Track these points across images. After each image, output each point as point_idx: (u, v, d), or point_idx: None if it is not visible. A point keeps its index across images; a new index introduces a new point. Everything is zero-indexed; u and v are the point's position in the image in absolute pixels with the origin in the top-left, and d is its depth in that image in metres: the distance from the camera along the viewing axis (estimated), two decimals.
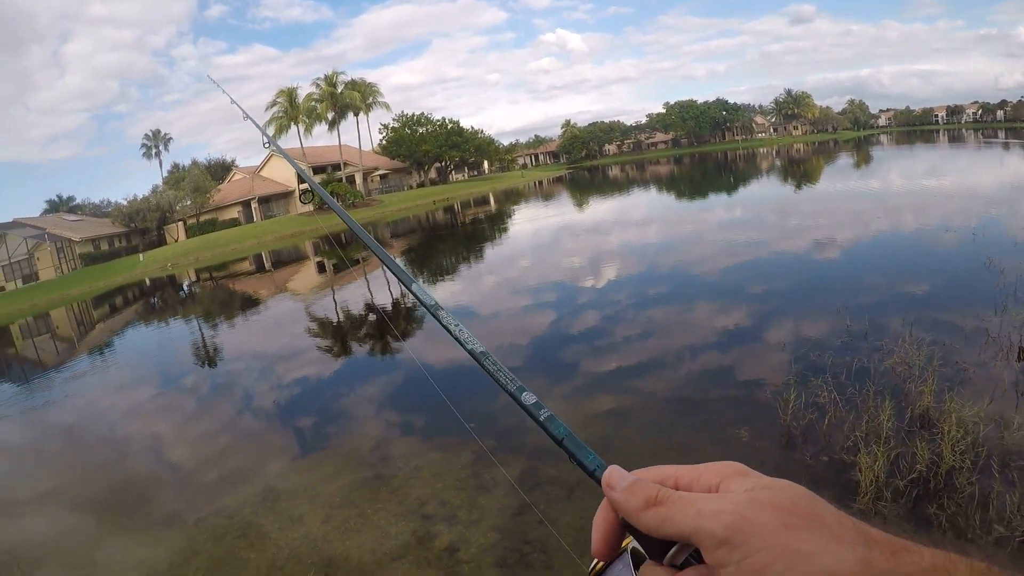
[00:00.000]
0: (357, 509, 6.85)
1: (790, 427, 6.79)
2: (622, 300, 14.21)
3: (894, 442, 6.00)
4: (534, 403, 0.83)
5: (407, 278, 1.20)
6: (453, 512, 6.41)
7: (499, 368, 0.89)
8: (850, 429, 6.46)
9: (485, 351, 0.93)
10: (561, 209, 45.09)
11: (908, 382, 7.33)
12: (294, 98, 73.48)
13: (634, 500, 0.64)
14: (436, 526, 6.22)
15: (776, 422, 6.96)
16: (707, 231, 23.68)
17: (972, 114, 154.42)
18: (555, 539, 5.62)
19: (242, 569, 6.15)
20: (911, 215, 20.88)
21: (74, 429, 12.67)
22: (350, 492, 7.29)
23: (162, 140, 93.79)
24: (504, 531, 5.92)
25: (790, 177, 48.23)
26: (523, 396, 0.84)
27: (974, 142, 76.62)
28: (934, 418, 6.43)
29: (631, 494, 0.65)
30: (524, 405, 0.84)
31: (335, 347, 15.13)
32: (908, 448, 5.81)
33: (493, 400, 8.83)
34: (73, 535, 7.75)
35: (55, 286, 52.28)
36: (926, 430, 6.27)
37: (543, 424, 0.81)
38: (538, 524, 5.92)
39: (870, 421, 6.42)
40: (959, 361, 7.90)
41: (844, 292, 11.81)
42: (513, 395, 0.85)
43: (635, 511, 0.64)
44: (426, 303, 1.09)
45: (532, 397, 0.84)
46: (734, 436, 6.87)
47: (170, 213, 71.47)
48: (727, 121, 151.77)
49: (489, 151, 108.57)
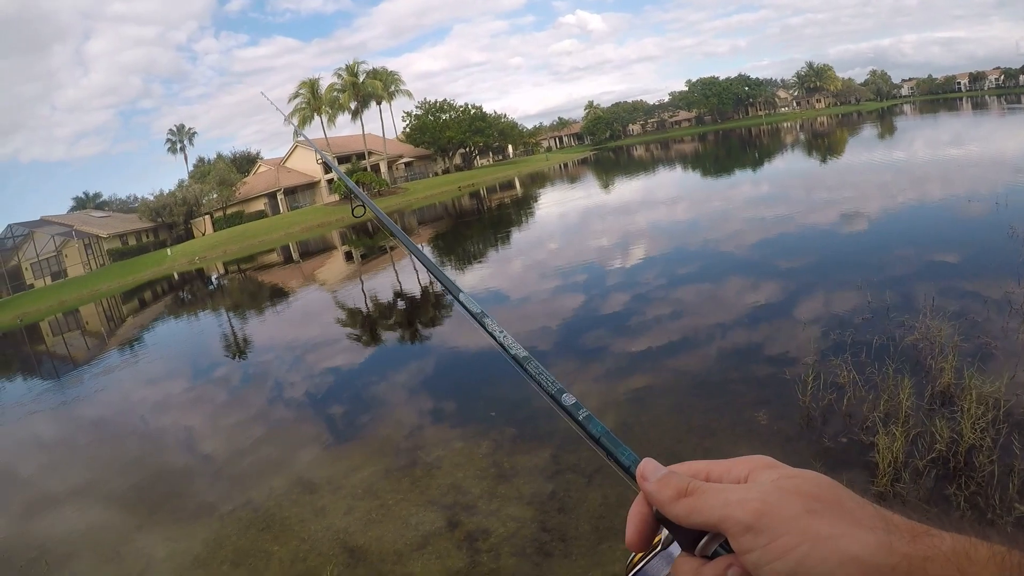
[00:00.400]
0: (379, 500, 6.90)
1: (809, 408, 6.73)
2: (645, 281, 14.16)
3: (913, 421, 5.92)
4: (573, 404, 0.86)
5: (454, 288, 1.22)
6: (473, 502, 6.45)
7: (541, 372, 0.92)
8: (869, 409, 6.38)
9: (528, 356, 0.96)
10: (587, 191, 44.96)
11: (929, 358, 7.23)
12: (316, 89, 73.82)
13: (666, 491, 0.68)
14: (457, 516, 6.26)
15: (795, 404, 6.89)
16: (731, 208, 23.45)
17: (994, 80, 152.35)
18: (574, 527, 5.65)
19: (265, 561, 6.22)
20: (934, 185, 20.57)
21: (103, 423, 12.96)
22: (371, 483, 7.34)
23: (187, 134, 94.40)
24: (523, 520, 5.94)
25: (814, 151, 47.68)
26: (563, 398, 0.87)
27: (997, 108, 75.45)
28: (954, 395, 6.33)
29: (663, 485, 0.68)
30: (564, 406, 0.86)
31: (359, 338, 15.25)
32: (927, 427, 5.71)
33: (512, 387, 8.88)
34: (102, 528, 7.89)
35: (84, 282, 52.99)
36: (946, 408, 6.17)
37: (582, 424, 0.83)
38: (558, 512, 5.93)
39: (889, 400, 6.33)
40: (981, 335, 7.76)
41: (866, 267, 11.65)
42: (554, 397, 0.88)
43: (667, 501, 0.67)
44: (473, 312, 1.11)
45: (571, 399, 0.86)
46: (753, 419, 6.84)
47: (197, 207, 72.02)
48: (750, 97, 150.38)
49: (513, 135, 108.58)
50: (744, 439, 6.41)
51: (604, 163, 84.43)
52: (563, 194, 46.37)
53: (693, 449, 6.49)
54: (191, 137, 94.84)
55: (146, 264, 55.38)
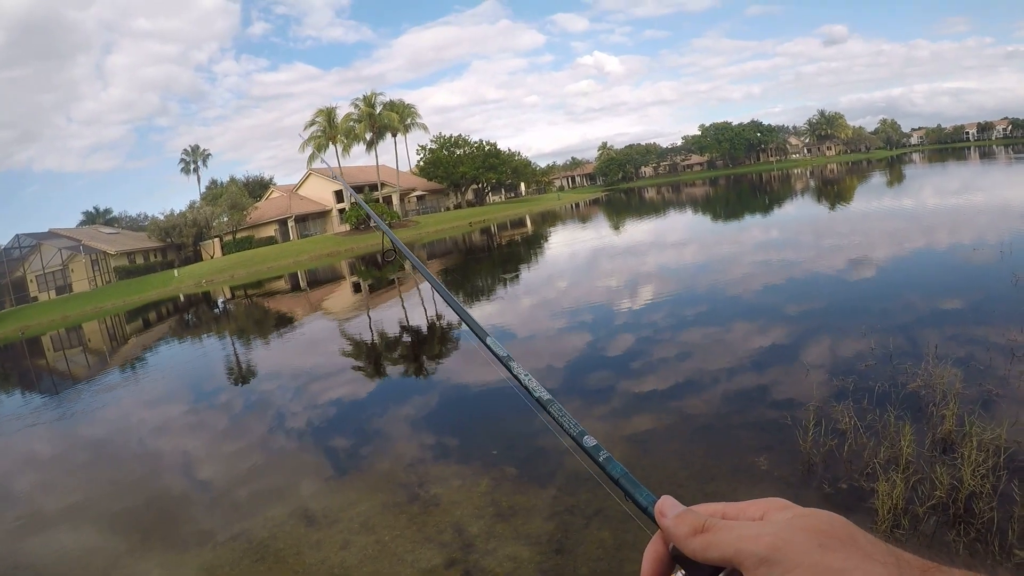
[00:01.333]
0: (375, 536, 6.83)
1: (810, 454, 6.68)
2: (651, 323, 14.13)
3: (914, 468, 5.90)
4: (594, 446, 0.89)
5: (482, 331, 1.23)
6: (471, 540, 6.40)
7: (563, 414, 0.94)
8: (870, 456, 6.35)
9: (551, 399, 0.98)
10: (598, 231, 45.02)
11: (931, 405, 7.22)
12: (333, 118, 74.44)
13: (683, 527, 0.70)
14: (454, 554, 6.20)
15: (796, 449, 6.86)
16: (740, 252, 23.47)
17: (1002, 130, 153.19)
18: (572, 569, 5.61)
19: None
20: (940, 233, 20.60)
21: (101, 444, 12.87)
22: (368, 518, 7.28)
23: (201, 156, 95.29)
24: (520, 561, 5.90)
25: (824, 197, 47.82)
26: (584, 440, 0.90)
27: (1004, 158, 75.98)
28: (955, 442, 6.32)
29: (680, 521, 0.71)
30: (585, 448, 0.89)
31: (362, 369, 15.19)
32: (928, 474, 5.70)
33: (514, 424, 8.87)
34: (93, 551, 7.82)
35: (89, 298, 53.17)
36: (947, 455, 6.14)
37: (602, 465, 0.86)
38: (555, 553, 5.89)
39: (890, 447, 6.31)
40: (983, 382, 7.75)
41: (870, 313, 11.67)
42: (575, 439, 0.91)
43: (683, 537, 0.69)
44: (500, 356, 1.13)
45: (592, 440, 0.89)
46: (753, 464, 6.80)
47: (207, 229, 72.41)
48: (762, 143, 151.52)
49: (526, 173, 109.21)
50: (744, 484, 6.38)
51: (615, 204, 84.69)
52: (574, 234, 46.48)
53: (694, 494, 6.44)
54: (205, 158, 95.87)
55: (152, 284, 55.54)
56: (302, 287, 39.94)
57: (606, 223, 51.95)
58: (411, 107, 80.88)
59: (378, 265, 33.29)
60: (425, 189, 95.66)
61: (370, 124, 75.35)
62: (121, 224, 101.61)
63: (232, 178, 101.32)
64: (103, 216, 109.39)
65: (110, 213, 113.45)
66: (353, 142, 75.73)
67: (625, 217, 56.04)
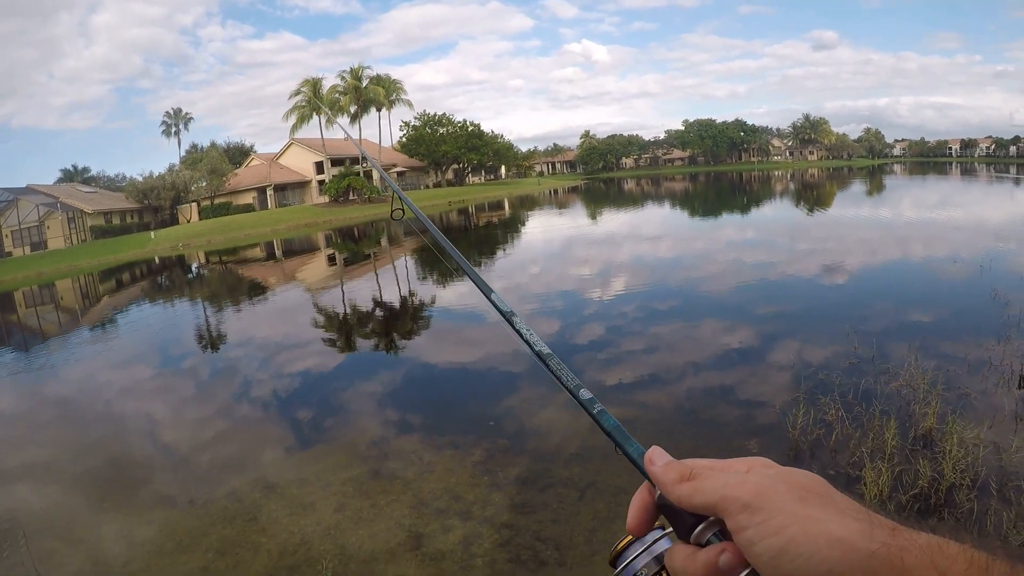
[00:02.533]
0: (370, 500, 6.92)
1: (798, 441, 6.99)
2: (635, 314, 14.38)
3: (898, 459, 6.24)
4: (589, 399, 0.91)
5: (486, 288, 1.25)
6: (467, 508, 6.54)
7: (562, 367, 0.97)
8: (856, 446, 6.68)
9: (551, 353, 1.00)
10: (575, 219, 45.25)
11: (912, 403, 7.54)
12: (318, 89, 73.73)
13: (671, 474, 0.73)
14: (450, 520, 6.33)
15: (785, 436, 7.16)
16: (719, 250, 23.88)
17: (985, 148, 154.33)
18: (568, 538, 5.80)
19: (253, 552, 6.19)
20: (921, 245, 21.17)
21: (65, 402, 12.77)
22: (363, 483, 7.36)
23: (183, 119, 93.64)
24: (517, 528, 6.08)
25: (803, 202, 48.31)
26: (580, 392, 0.92)
27: (985, 176, 77.08)
28: (936, 438, 6.65)
29: (669, 469, 0.74)
30: (581, 400, 0.91)
31: (343, 341, 15.34)
32: (911, 465, 6.05)
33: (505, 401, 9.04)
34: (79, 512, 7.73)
35: (64, 256, 52.28)
36: (928, 449, 6.49)
37: (596, 417, 0.88)
38: (552, 523, 6.08)
39: (875, 439, 6.64)
40: (962, 386, 8.13)
41: (854, 317, 11.99)
42: (572, 391, 0.93)
43: (670, 484, 0.72)
44: (503, 311, 1.16)
45: (588, 393, 0.92)
46: (742, 447, 7.05)
47: (185, 193, 71.48)
48: (744, 142, 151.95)
49: (507, 156, 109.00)
50: None
51: (594, 193, 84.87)
52: (551, 220, 46.74)
53: None
54: (187, 122, 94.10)
55: (128, 245, 54.72)
56: (278, 256, 39.83)
57: (584, 212, 52.06)
58: (397, 82, 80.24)
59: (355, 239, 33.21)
60: (406, 166, 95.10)
61: (355, 97, 74.59)
62: (99, 183, 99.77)
63: (213, 143, 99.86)
64: (81, 174, 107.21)
65: (88, 172, 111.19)
66: (337, 114, 75.13)
67: (603, 207, 56.26)
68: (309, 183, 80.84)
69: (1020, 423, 7.04)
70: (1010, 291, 12.55)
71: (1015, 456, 6.08)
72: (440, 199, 75.44)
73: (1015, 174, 78.60)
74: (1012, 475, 5.82)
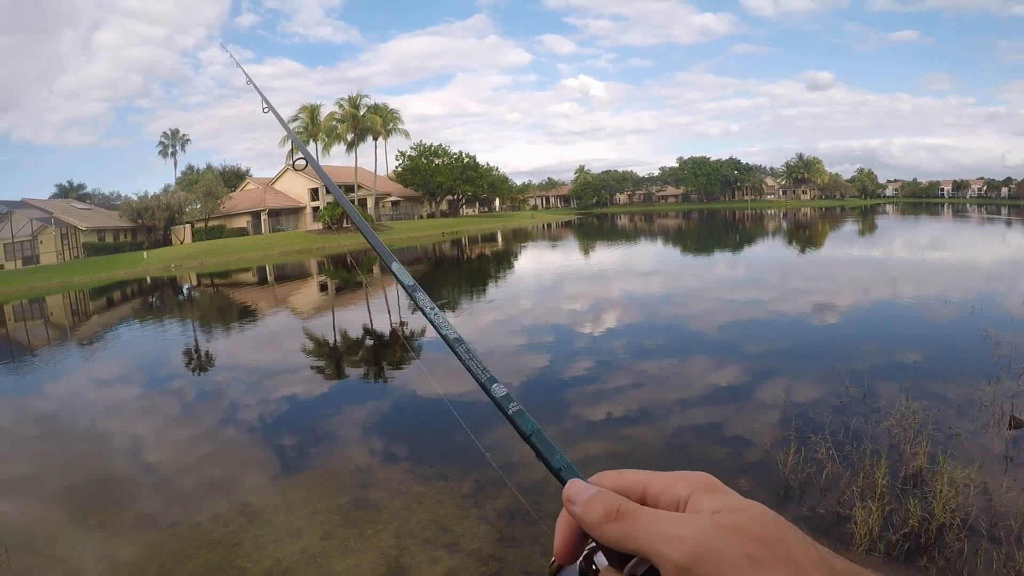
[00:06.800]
0: (356, 528, 6.88)
1: (788, 480, 6.97)
2: (624, 350, 14.35)
3: (888, 498, 6.23)
4: (503, 396, 0.82)
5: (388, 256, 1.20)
6: (455, 539, 6.49)
7: (472, 357, 0.88)
8: (846, 484, 6.67)
9: (459, 338, 0.92)
10: (567, 254, 45.36)
11: (903, 443, 7.57)
12: (316, 115, 74.11)
13: (594, 513, 0.63)
14: (437, 551, 6.29)
15: (775, 474, 7.15)
16: (711, 287, 23.98)
17: (977, 190, 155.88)
18: None
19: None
20: (912, 285, 21.24)
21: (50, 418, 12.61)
22: (350, 511, 7.32)
23: (180, 140, 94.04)
24: (505, 561, 6.04)
25: (795, 240, 48.64)
26: (493, 388, 0.83)
27: (977, 217, 77.78)
28: (927, 478, 6.66)
29: (591, 507, 0.64)
30: (494, 397, 0.83)
31: (332, 368, 15.25)
32: (902, 504, 6.04)
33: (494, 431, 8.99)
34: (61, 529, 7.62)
35: (56, 272, 52.18)
36: (919, 488, 6.49)
37: (512, 418, 0.80)
38: (540, 556, 6.04)
39: (866, 478, 6.64)
40: (952, 426, 8.16)
41: (845, 356, 12.03)
42: (483, 385, 0.85)
43: (595, 525, 0.63)
44: (405, 284, 1.10)
45: (502, 390, 0.83)
46: (733, 484, 6.89)
47: (179, 214, 71.67)
48: (738, 180, 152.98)
49: (502, 189, 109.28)
50: None
51: (587, 228, 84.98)
52: (544, 254, 46.82)
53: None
54: (184, 143, 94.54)
55: (120, 263, 54.59)
56: (269, 281, 39.77)
57: (577, 247, 52.13)
58: (395, 112, 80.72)
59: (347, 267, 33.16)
60: (400, 195, 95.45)
61: (353, 125, 75.02)
62: (94, 201, 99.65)
63: (209, 165, 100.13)
64: (76, 191, 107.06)
65: (84, 189, 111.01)
66: (334, 141, 75.48)
67: (596, 242, 56.30)
68: (304, 209, 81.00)
69: (1010, 464, 7.07)
70: (1001, 331, 12.60)
71: (1005, 496, 6.09)
72: (434, 229, 75.75)
73: (1007, 215, 79.38)
74: (1002, 515, 5.82)
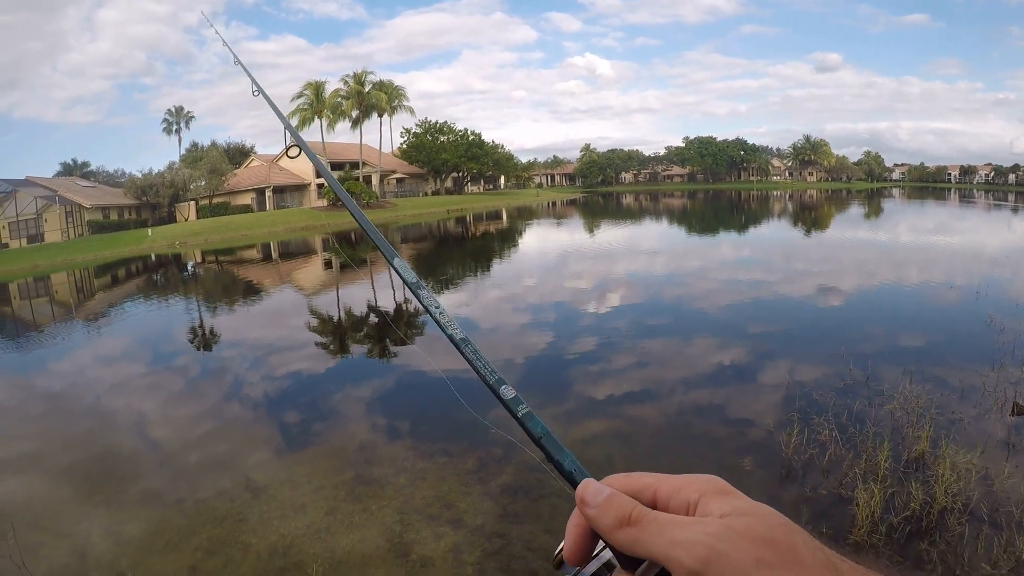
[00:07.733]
0: (361, 504, 6.92)
1: (791, 460, 7.01)
2: (629, 329, 14.40)
3: (890, 481, 6.26)
4: (512, 398, 0.81)
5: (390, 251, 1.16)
6: (459, 515, 6.53)
7: (479, 357, 0.87)
8: (849, 467, 6.71)
9: (465, 338, 0.91)
10: (572, 232, 45.37)
11: (906, 427, 7.61)
12: (321, 92, 73.75)
13: (607, 517, 0.64)
14: (441, 527, 6.32)
15: (778, 455, 7.19)
16: (716, 268, 24.01)
17: (984, 175, 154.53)
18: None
19: (242, 553, 6.17)
20: (917, 270, 21.28)
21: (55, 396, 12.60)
22: (354, 487, 7.35)
23: (184, 117, 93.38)
24: (509, 537, 6.07)
25: (801, 222, 48.52)
26: (502, 389, 0.82)
27: (984, 203, 77.25)
28: (929, 462, 6.70)
29: (605, 511, 0.64)
30: (503, 399, 0.81)
31: (336, 344, 15.28)
32: (903, 488, 6.07)
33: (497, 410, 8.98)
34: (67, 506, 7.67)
35: (60, 250, 51.99)
36: (920, 472, 6.54)
37: (521, 420, 0.78)
38: (544, 532, 6.08)
39: (868, 460, 6.67)
40: (955, 411, 8.20)
41: (849, 339, 12.00)
42: (492, 387, 0.83)
43: (608, 529, 0.63)
44: (408, 280, 1.07)
45: (511, 391, 0.81)
46: (736, 464, 7.07)
47: (183, 191, 71.20)
48: (744, 161, 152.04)
49: (507, 167, 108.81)
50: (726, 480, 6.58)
51: (592, 207, 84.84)
52: (548, 232, 46.82)
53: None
54: (188, 121, 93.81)
55: (125, 241, 54.47)
56: (274, 258, 39.85)
57: (581, 225, 52.03)
58: (400, 89, 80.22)
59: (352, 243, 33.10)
60: (405, 172, 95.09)
61: (358, 102, 74.58)
62: (98, 178, 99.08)
63: (213, 142, 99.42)
64: (80, 169, 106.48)
65: (88, 167, 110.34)
66: (339, 118, 75.18)
67: (601, 221, 56.19)
68: (308, 186, 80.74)
69: (1012, 450, 7.11)
70: (1005, 318, 12.64)
71: (1007, 482, 6.13)
72: (438, 207, 75.55)
73: (1013, 202, 78.93)
74: (1003, 501, 5.86)
